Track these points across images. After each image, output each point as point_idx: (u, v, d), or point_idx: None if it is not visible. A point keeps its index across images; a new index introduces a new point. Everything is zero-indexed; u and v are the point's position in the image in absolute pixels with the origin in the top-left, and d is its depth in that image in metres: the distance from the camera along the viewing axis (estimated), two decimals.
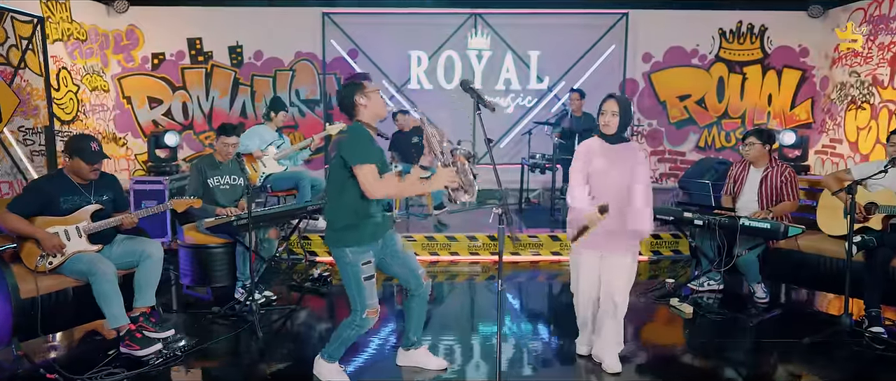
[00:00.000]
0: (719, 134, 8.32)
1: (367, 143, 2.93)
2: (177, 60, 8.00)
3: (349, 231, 3.00)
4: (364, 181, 2.86)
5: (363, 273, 3.02)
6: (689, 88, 8.23)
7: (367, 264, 3.03)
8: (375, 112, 3.04)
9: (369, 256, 3.04)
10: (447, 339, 3.93)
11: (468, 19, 7.96)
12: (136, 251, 3.66)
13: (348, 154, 2.89)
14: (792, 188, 4.49)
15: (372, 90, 3.02)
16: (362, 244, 3.01)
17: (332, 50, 8.02)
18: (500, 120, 8.14)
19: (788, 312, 4.48)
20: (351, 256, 3.00)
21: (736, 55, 8.18)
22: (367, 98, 3.00)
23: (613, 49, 8.01)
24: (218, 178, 4.55)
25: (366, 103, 3.00)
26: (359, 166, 2.86)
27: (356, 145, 2.90)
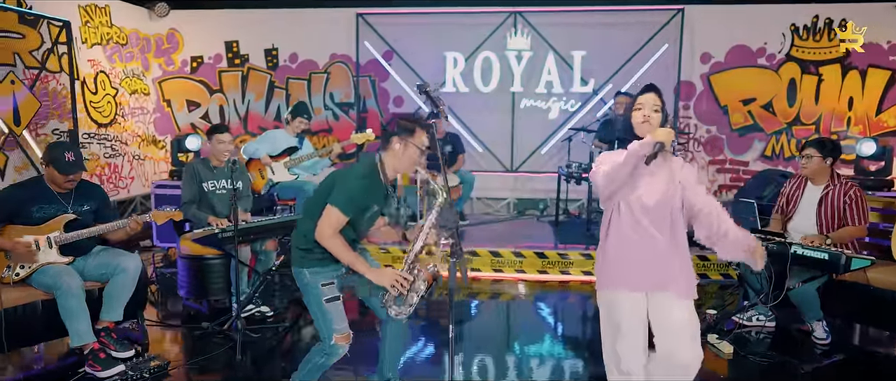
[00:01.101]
0: (789, 142, 7.44)
1: (359, 193, 2.66)
2: (214, 63, 7.99)
3: (312, 253, 2.74)
4: (323, 223, 2.64)
5: (324, 295, 2.73)
6: (754, 90, 7.41)
7: (328, 285, 2.74)
8: (400, 165, 2.76)
9: (331, 276, 2.75)
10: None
11: (508, 18, 7.49)
12: (110, 264, 3.47)
13: (337, 188, 2.66)
14: (858, 211, 3.76)
15: (417, 143, 2.70)
16: (322, 266, 2.74)
17: (366, 52, 7.76)
18: (542, 125, 7.62)
19: (853, 358, 3.75)
20: (309, 276, 2.74)
21: (811, 54, 7.29)
22: (405, 147, 2.71)
23: (667, 48, 7.31)
24: (213, 182, 4.32)
25: (400, 150, 2.72)
26: (333, 209, 2.62)
27: (348, 188, 2.65)
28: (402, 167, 2.75)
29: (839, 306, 3.88)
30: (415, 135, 2.70)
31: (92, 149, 6.81)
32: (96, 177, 6.87)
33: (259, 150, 5.18)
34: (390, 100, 7.87)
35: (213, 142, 4.31)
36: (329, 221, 2.62)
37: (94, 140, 6.87)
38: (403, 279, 2.61)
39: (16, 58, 5.66)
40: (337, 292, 2.77)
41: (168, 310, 4.61)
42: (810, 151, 3.87)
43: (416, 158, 2.72)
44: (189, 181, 4.27)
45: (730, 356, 3.69)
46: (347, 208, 2.63)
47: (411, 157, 2.71)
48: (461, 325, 4.39)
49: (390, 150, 2.72)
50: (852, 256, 3.29)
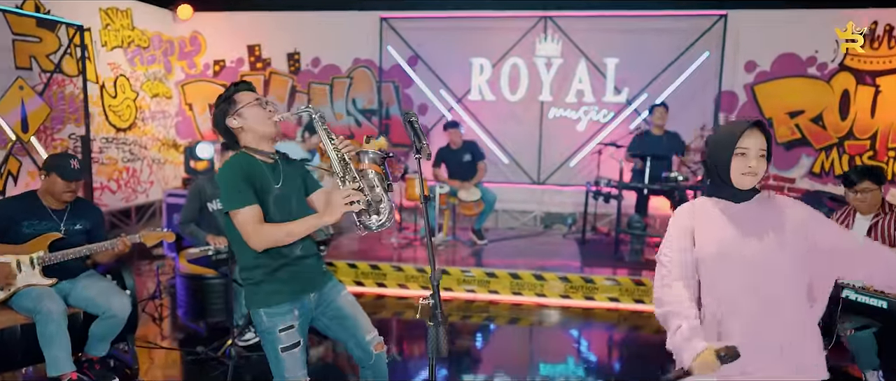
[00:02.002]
0: (841, 158, 6.88)
1: (241, 179, 2.25)
2: (236, 67, 7.85)
3: (261, 286, 2.34)
4: (242, 231, 2.25)
5: (280, 342, 2.32)
6: (802, 102, 6.88)
7: (286, 330, 2.33)
8: (259, 131, 2.34)
9: (291, 319, 2.34)
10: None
11: (537, 23, 7.13)
12: (99, 305, 3.26)
13: (222, 199, 2.29)
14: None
15: (245, 104, 2.32)
16: (279, 303, 2.33)
17: (390, 57, 7.50)
18: (572, 136, 7.23)
19: None
20: (266, 320, 2.33)
21: (867, 64, 6.72)
22: (241, 118, 2.33)
23: (707, 56, 6.84)
24: (219, 201, 4.09)
25: (241, 125, 2.33)
26: (233, 213, 2.25)
27: (225, 186, 2.26)
28: (260, 131, 2.34)
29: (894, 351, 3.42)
30: (236, 101, 2.33)
31: (110, 153, 6.73)
32: (114, 182, 6.80)
33: None
34: (414, 107, 7.60)
35: (222, 158, 4.09)
36: (242, 224, 2.24)
37: (112, 145, 6.79)
38: (353, 191, 2.20)
39: (33, 62, 5.59)
40: (298, 336, 2.36)
41: (170, 329, 4.42)
42: (867, 184, 3.41)
43: (260, 113, 2.33)
44: (192, 200, 4.06)
45: None
46: (241, 199, 2.23)
47: (255, 116, 2.32)
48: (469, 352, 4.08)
49: (238, 132, 2.36)
50: None
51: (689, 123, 6.71)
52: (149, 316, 4.45)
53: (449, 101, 7.42)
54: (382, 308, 4.95)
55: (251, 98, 2.36)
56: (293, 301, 2.36)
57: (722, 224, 1.90)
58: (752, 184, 1.90)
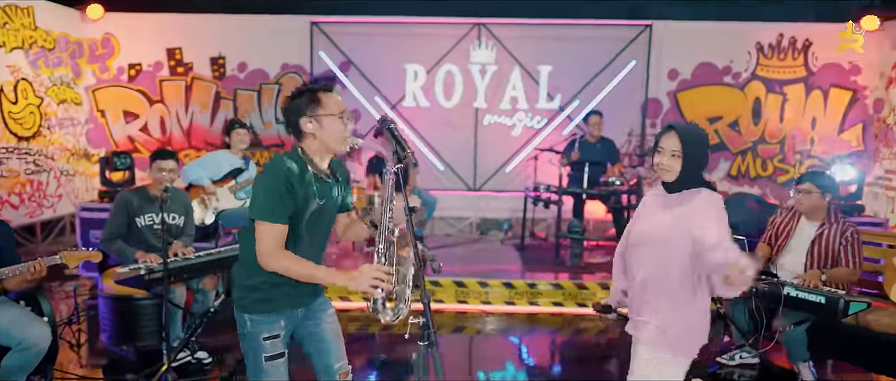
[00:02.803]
0: (755, 161, 7.35)
1: (281, 189, 2.10)
2: (154, 71, 7.37)
3: (255, 292, 2.23)
4: (259, 245, 2.13)
5: (264, 351, 2.23)
6: (720, 109, 7.29)
7: (271, 339, 2.23)
8: (327, 144, 2.21)
9: (277, 329, 2.24)
10: None
11: (471, 30, 7.16)
12: (14, 337, 2.91)
13: (253, 198, 2.15)
14: (854, 253, 3.49)
15: (329, 113, 2.17)
16: (268, 312, 2.23)
17: (321, 63, 7.29)
18: (506, 142, 7.30)
19: None
20: (249, 325, 2.23)
21: (775, 73, 7.22)
22: (319, 124, 2.17)
23: (634, 65, 7.12)
24: (151, 215, 3.78)
25: (315, 132, 2.18)
26: (260, 223, 2.12)
27: (265, 191, 2.12)
28: (331, 145, 2.21)
29: (827, 348, 3.65)
30: (322, 104, 2.17)
31: (10, 165, 6.12)
32: (16, 196, 6.19)
33: (201, 176, 4.62)
34: None
35: (153, 168, 3.76)
36: (263, 238, 2.11)
37: (13, 155, 6.18)
38: (383, 274, 2.08)
39: None
40: (282, 347, 2.27)
41: (91, 355, 4.03)
42: (808, 186, 3.59)
43: (339, 128, 2.17)
44: (118, 214, 3.71)
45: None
46: (275, 214, 2.10)
47: (332, 129, 2.17)
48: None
49: (306, 135, 2.20)
50: (850, 300, 3.04)
51: (618, 129, 6.95)
52: (65, 343, 4.04)
53: (383, 107, 7.30)
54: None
55: (336, 109, 2.20)
56: (281, 312, 2.26)
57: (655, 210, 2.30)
58: (667, 179, 2.23)
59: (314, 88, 2.22)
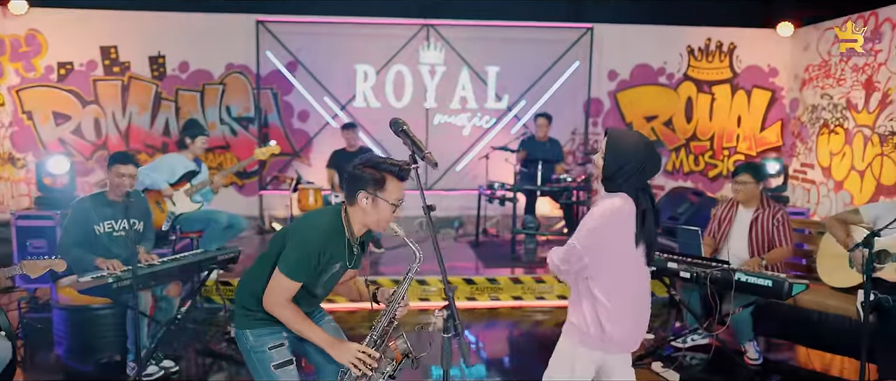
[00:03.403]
0: (688, 157, 7.82)
1: (315, 252, 2.24)
2: (87, 71, 7.00)
3: (259, 313, 2.33)
4: (271, 290, 2.27)
5: (272, 360, 2.32)
6: (656, 108, 7.72)
7: (276, 347, 2.33)
8: (369, 222, 2.33)
9: (280, 338, 2.35)
10: None
11: (420, 31, 7.23)
12: None
13: (288, 248, 2.24)
14: (786, 232, 3.91)
15: (388, 200, 2.26)
16: (270, 326, 2.34)
17: (268, 62, 7.16)
18: (456, 142, 7.42)
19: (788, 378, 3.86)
20: (253, 339, 2.33)
21: (704, 74, 7.72)
22: (374, 205, 2.27)
23: (578, 66, 7.41)
24: (111, 223, 3.62)
25: (367, 209, 2.28)
26: (282, 275, 2.24)
27: (301, 247, 2.23)
28: (371, 224, 2.33)
29: (768, 327, 3.99)
30: (385, 188, 2.26)
31: None
32: None
33: (158, 180, 4.47)
34: (295, 114, 7.33)
35: (111, 173, 3.60)
36: (278, 288, 2.25)
37: None
38: (368, 357, 2.21)
39: None
40: (289, 354, 2.36)
41: (41, 372, 3.82)
42: (745, 176, 3.94)
43: (388, 215, 2.29)
44: (76, 223, 3.54)
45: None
46: (300, 275, 2.23)
47: (383, 214, 2.28)
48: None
49: (357, 205, 2.29)
50: (793, 282, 3.35)
51: (563, 128, 7.22)
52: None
53: (333, 107, 7.25)
54: None
55: (397, 196, 2.30)
56: (281, 327, 2.35)
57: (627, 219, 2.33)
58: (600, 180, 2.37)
59: (387, 169, 2.28)
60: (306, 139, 7.35)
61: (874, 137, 6.36)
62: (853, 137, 6.68)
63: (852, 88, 6.70)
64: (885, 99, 6.27)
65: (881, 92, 6.31)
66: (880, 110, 6.31)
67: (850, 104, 6.73)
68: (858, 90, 6.61)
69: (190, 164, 4.66)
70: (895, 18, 6.17)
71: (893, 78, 6.15)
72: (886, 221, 3.26)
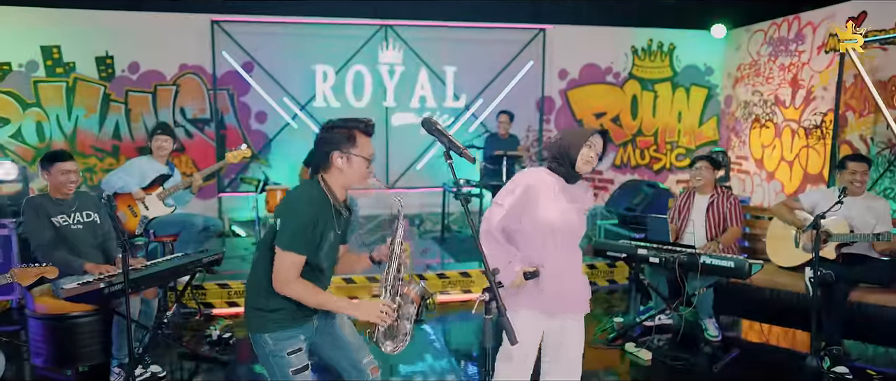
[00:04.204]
0: (635, 152, 8.26)
1: (307, 224, 2.24)
2: (28, 72, 6.66)
3: (275, 314, 2.31)
4: (278, 271, 2.24)
5: (291, 365, 2.31)
6: (604, 105, 8.11)
7: (295, 353, 2.32)
8: (349, 183, 2.35)
9: (298, 342, 2.33)
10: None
11: (378, 31, 7.31)
12: None
13: (281, 227, 2.24)
14: (737, 214, 4.30)
15: (361, 154, 2.30)
16: (287, 328, 2.32)
17: (224, 63, 7.04)
18: (416, 140, 7.54)
19: (747, 351, 4.21)
20: (272, 344, 2.30)
21: (648, 73, 8.17)
22: (348, 162, 2.30)
23: (531, 66, 7.69)
24: (64, 216, 3.55)
25: (343, 168, 2.31)
26: (283, 251, 2.23)
27: (292, 220, 2.23)
28: (351, 183, 2.36)
29: (726, 305, 4.36)
30: (356, 144, 2.30)
31: None
32: None
33: (128, 183, 4.36)
34: (252, 115, 7.24)
35: (53, 173, 3.52)
36: (284, 267, 2.22)
37: None
38: (388, 308, 2.28)
39: None
40: (306, 359, 2.36)
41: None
42: (703, 164, 4.30)
43: (363, 170, 2.33)
44: (35, 219, 3.45)
45: (649, 362, 3.95)
46: (300, 246, 2.23)
47: (358, 170, 2.32)
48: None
49: (332, 168, 2.32)
50: (752, 262, 3.70)
51: (519, 125, 7.48)
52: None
53: (292, 108, 7.22)
54: None
55: (368, 151, 2.33)
56: (299, 326, 2.35)
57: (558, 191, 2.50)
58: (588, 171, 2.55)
59: (353, 125, 2.32)
60: (265, 140, 7.28)
61: (800, 130, 6.96)
62: (782, 131, 7.27)
63: (780, 86, 7.29)
64: (808, 96, 6.87)
65: (805, 89, 6.91)
66: (805, 106, 6.92)
67: (778, 100, 7.32)
68: (785, 87, 7.20)
69: (162, 167, 4.57)
70: (816, 22, 6.77)
71: (816, 76, 6.75)
72: (823, 206, 3.66)
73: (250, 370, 3.90)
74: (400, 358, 3.94)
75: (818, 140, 6.72)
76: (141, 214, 4.39)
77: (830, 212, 3.60)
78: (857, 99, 6.16)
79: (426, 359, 4.08)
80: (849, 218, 3.89)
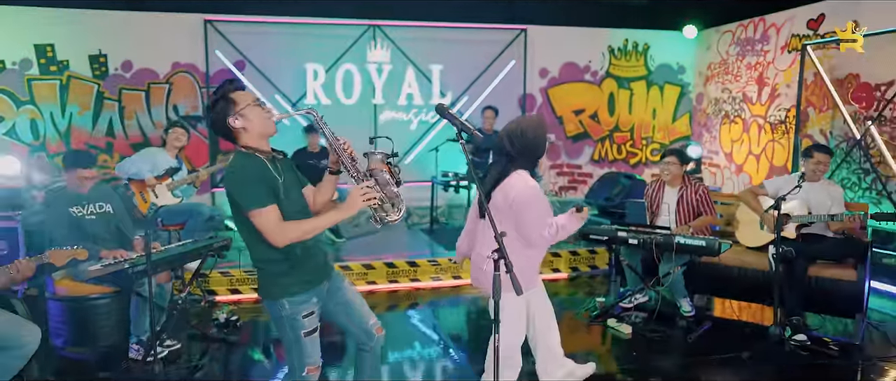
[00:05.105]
0: (612, 147, 8.65)
1: (256, 179, 2.35)
2: (21, 70, 6.78)
3: (283, 278, 2.48)
4: (264, 230, 2.34)
5: (304, 328, 2.50)
6: (583, 102, 8.48)
7: (308, 316, 2.51)
8: (259, 132, 2.43)
9: (311, 306, 2.52)
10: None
11: (366, 31, 7.57)
12: (9, 338, 2.87)
13: (238, 199, 2.37)
14: (709, 204, 4.65)
15: (246, 106, 2.39)
16: (302, 292, 2.50)
17: (217, 61, 7.23)
18: (404, 136, 7.82)
19: (718, 324, 4.59)
20: (289, 307, 2.48)
21: (624, 72, 8.56)
22: (244, 119, 2.39)
23: (513, 65, 8.03)
24: (79, 208, 3.79)
25: (244, 126, 2.40)
26: (254, 212, 2.32)
27: (243, 186, 2.35)
28: (263, 131, 2.44)
29: (698, 283, 4.72)
30: (237, 101, 2.39)
31: None
32: None
33: (142, 170, 4.59)
34: None
35: (74, 176, 3.74)
36: (267, 224, 2.33)
37: None
38: (367, 188, 2.42)
39: None
40: (317, 322, 2.56)
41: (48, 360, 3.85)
42: (671, 159, 4.66)
43: (261, 114, 2.42)
44: (54, 211, 3.68)
45: (629, 335, 4.29)
46: (263, 198, 2.33)
47: (257, 117, 2.41)
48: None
49: (238, 131, 2.41)
50: (722, 242, 4.07)
51: (501, 122, 7.78)
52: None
53: (284, 105, 7.44)
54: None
55: (250, 99, 2.43)
56: (312, 291, 2.53)
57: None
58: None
59: (223, 91, 2.41)
60: None
61: (766, 125, 7.41)
62: (749, 126, 7.72)
63: (747, 84, 7.73)
64: (773, 93, 7.32)
65: (770, 87, 7.36)
66: (770, 102, 7.36)
67: (746, 97, 7.77)
68: (752, 85, 7.65)
69: (172, 161, 4.81)
70: (779, 23, 7.22)
71: (780, 75, 7.20)
72: (785, 190, 4.04)
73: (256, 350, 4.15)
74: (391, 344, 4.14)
75: (783, 135, 7.16)
76: (151, 201, 4.61)
77: (790, 194, 3.99)
78: (817, 96, 6.61)
79: (416, 346, 4.33)
80: (807, 201, 4.29)
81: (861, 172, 6.11)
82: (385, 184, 2.50)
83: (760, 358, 3.84)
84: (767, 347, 3.94)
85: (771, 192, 4.47)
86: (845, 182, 6.22)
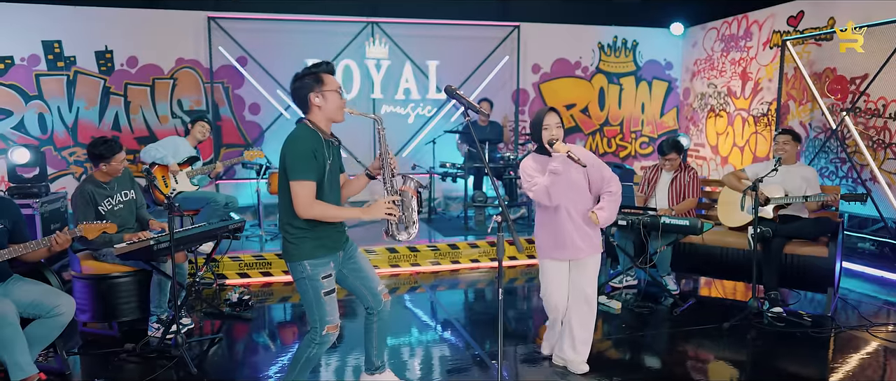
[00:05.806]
0: (602, 140, 8.94)
1: (309, 154, 2.64)
2: (29, 66, 6.98)
3: (305, 242, 2.75)
4: (297, 200, 2.65)
5: (323, 288, 2.78)
6: (574, 97, 8.77)
7: (327, 277, 2.80)
8: (329, 116, 2.75)
9: (330, 268, 2.81)
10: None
11: (365, 28, 7.82)
12: (45, 306, 3.10)
13: (288, 165, 2.67)
14: (695, 187, 4.96)
15: (331, 89, 2.72)
16: (321, 256, 2.78)
17: (219, 57, 7.46)
18: (402, 129, 8.08)
19: (700, 300, 4.89)
20: (310, 269, 2.76)
21: (613, 67, 8.87)
22: (324, 98, 2.71)
23: (507, 60, 8.31)
24: (109, 200, 4.02)
25: (321, 105, 2.72)
26: (296, 182, 2.63)
27: (297, 156, 2.65)
28: (333, 117, 2.75)
29: (682, 262, 5.02)
30: (325, 82, 2.71)
31: None
32: None
33: (166, 156, 4.86)
34: (246, 107, 7.68)
35: (113, 162, 3.96)
36: (301, 195, 2.62)
37: None
38: (393, 205, 2.74)
39: None
40: (333, 284, 2.83)
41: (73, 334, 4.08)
42: (674, 154, 4.96)
43: (339, 101, 2.73)
44: (85, 208, 3.89)
45: (619, 311, 4.57)
46: (308, 173, 2.62)
47: (335, 103, 2.72)
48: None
49: (313, 107, 2.71)
50: (704, 222, 4.36)
51: (496, 115, 8.07)
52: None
53: (285, 99, 7.68)
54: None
55: (336, 85, 2.76)
56: (330, 255, 2.82)
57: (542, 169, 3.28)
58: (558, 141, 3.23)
59: (317, 70, 2.77)
60: (259, 131, 7.72)
61: (750, 118, 7.73)
62: (734, 119, 8.04)
63: (731, 78, 8.05)
64: (756, 87, 7.64)
65: (753, 81, 7.68)
66: (753, 96, 7.69)
67: (730, 92, 8.09)
68: (736, 80, 7.97)
69: (192, 150, 5.09)
70: (761, 20, 7.55)
71: (762, 69, 7.52)
72: (763, 174, 4.34)
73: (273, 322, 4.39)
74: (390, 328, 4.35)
75: (765, 127, 7.49)
76: (171, 186, 4.86)
77: (767, 177, 4.29)
78: (797, 89, 6.93)
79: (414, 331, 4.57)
80: (784, 184, 4.59)
81: (838, 161, 6.43)
82: (408, 208, 2.82)
83: (740, 329, 4.13)
84: (747, 319, 4.23)
85: (750, 175, 4.77)
86: (823, 171, 6.54)
